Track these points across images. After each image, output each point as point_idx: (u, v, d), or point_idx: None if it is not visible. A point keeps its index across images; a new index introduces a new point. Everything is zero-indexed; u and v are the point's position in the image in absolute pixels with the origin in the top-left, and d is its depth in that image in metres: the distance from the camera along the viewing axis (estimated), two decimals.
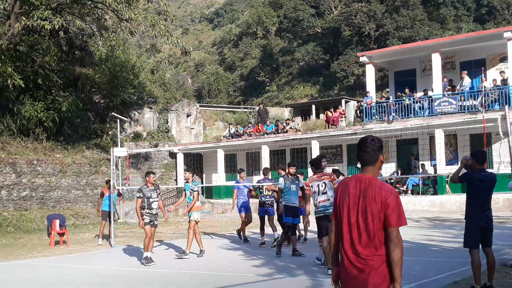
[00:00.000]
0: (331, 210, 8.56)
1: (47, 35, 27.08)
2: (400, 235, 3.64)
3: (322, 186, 9.29)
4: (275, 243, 12.84)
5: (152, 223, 11.47)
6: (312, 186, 9.38)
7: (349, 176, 4.47)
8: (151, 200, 11.44)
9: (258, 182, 14.77)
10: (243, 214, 14.53)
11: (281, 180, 11.70)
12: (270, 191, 13.64)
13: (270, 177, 14.44)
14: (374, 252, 3.65)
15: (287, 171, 11.97)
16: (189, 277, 9.82)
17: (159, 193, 11.79)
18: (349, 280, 3.73)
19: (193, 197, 11.94)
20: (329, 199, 9.21)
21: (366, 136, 3.98)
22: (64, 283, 9.69)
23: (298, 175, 12.18)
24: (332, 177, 9.59)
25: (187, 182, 12.11)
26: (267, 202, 13.73)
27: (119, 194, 17.33)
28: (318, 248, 10.02)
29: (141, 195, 11.40)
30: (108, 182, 16.79)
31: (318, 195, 9.31)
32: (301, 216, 12.92)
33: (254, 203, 16.88)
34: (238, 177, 15.17)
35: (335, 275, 3.95)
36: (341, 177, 11.40)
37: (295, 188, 11.61)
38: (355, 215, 3.72)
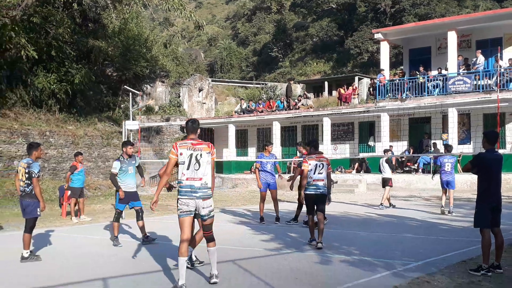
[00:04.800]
0: (323, 191, 9.76)
1: (61, 7, 27.05)
2: None
3: (320, 167, 9.82)
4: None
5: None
6: (310, 164, 9.85)
7: None
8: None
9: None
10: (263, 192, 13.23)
11: (116, 163, 10.56)
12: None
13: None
14: None
15: (124, 151, 10.67)
16: (198, 249, 9.88)
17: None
18: None
19: None
20: (323, 180, 9.80)
21: None
22: (74, 253, 9.80)
23: (135, 155, 11.00)
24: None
25: None
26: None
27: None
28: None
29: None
30: (77, 154, 15.44)
31: (314, 173, 9.81)
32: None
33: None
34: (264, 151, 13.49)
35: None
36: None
37: (132, 171, 10.67)
38: None
